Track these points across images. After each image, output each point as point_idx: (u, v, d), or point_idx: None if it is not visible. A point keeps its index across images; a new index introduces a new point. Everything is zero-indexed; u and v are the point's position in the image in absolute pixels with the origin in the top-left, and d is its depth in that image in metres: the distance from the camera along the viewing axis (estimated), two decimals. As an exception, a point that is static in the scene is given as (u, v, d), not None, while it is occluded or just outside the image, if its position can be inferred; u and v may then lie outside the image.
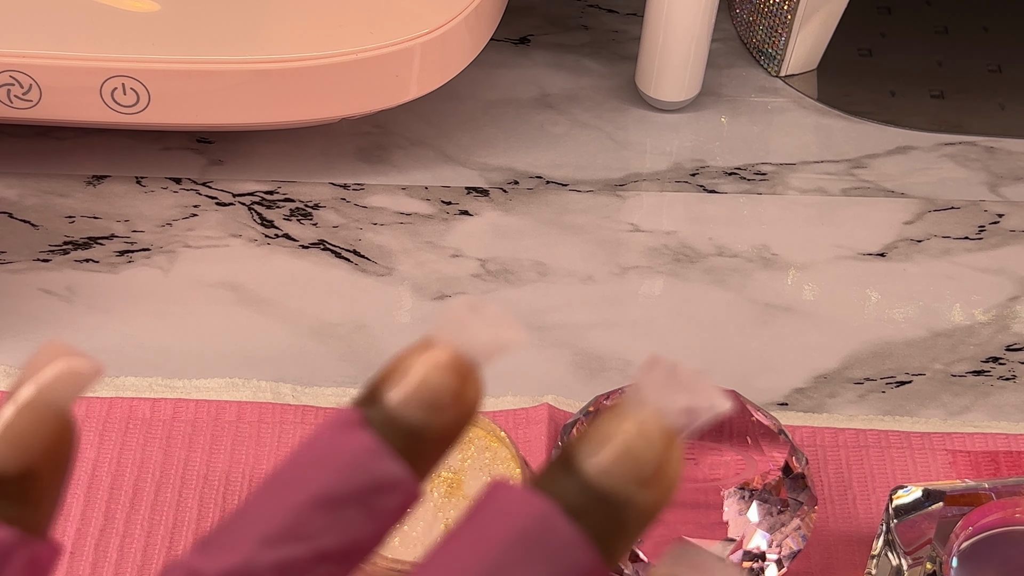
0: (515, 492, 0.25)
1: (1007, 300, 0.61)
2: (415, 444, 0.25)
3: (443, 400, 0.25)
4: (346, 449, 0.25)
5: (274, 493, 0.25)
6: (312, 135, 0.67)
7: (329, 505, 0.25)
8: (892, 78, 0.73)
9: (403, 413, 0.25)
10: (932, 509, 0.45)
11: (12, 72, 0.59)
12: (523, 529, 0.24)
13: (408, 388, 0.25)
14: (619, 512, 0.25)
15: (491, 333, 0.26)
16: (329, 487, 0.25)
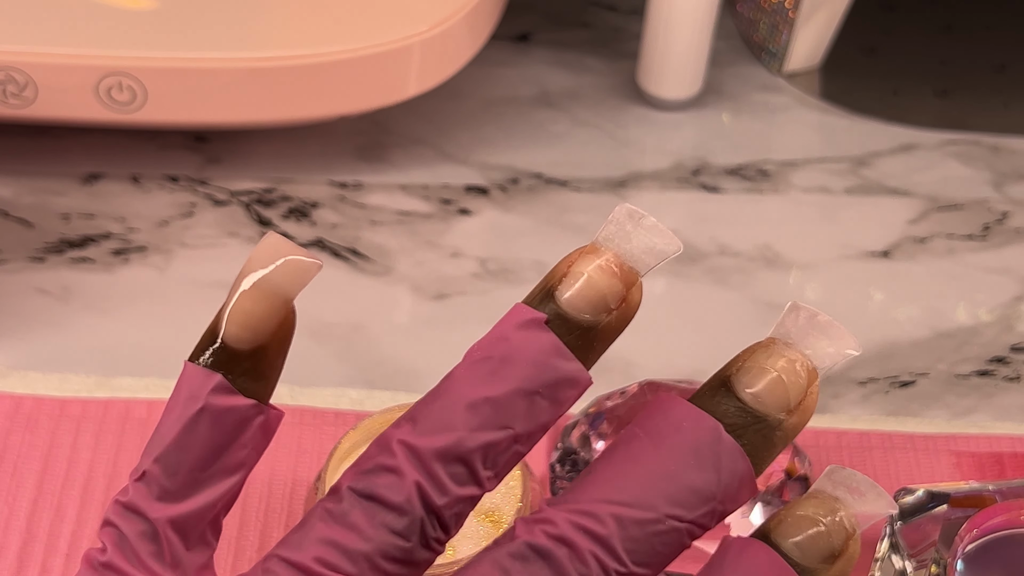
0: (688, 408, 0.30)
1: (1012, 300, 0.61)
2: (585, 340, 0.30)
3: (609, 302, 0.30)
4: (536, 349, 0.30)
5: (475, 382, 0.30)
6: (310, 133, 0.66)
7: (523, 397, 0.30)
8: (896, 76, 0.73)
9: (574, 313, 0.30)
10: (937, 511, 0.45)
11: (7, 70, 0.58)
12: (696, 440, 0.30)
13: (578, 290, 0.30)
14: (770, 432, 0.30)
15: (650, 242, 0.32)
16: (523, 383, 0.30)
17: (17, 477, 0.50)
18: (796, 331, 0.31)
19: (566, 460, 0.47)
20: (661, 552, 0.30)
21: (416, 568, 0.30)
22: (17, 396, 0.53)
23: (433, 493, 0.29)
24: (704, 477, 0.30)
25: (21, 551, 0.48)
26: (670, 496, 0.29)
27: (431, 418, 0.30)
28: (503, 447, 0.30)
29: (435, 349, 0.57)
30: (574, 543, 0.29)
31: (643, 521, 0.29)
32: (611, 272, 0.31)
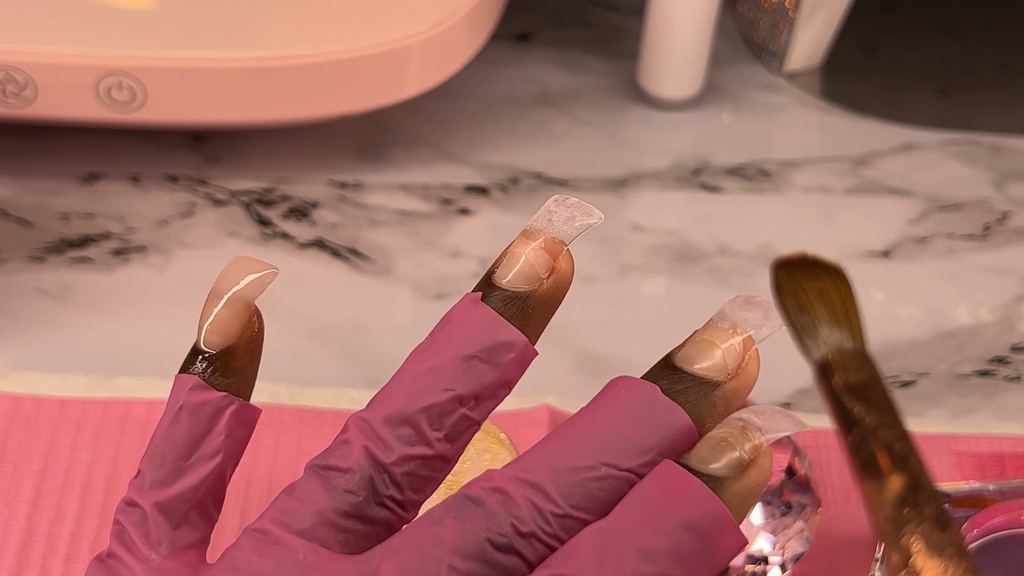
0: (627, 379, 0.33)
1: (1013, 299, 0.61)
2: (521, 309, 0.33)
3: (540, 272, 0.34)
4: (470, 320, 0.33)
5: (418, 358, 0.33)
6: (310, 132, 0.66)
7: (461, 362, 0.32)
8: (896, 75, 0.73)
9: (510, 287, 0.33)
10: (937, 512, 0.45)
11: (7, 70, 0.58)
12: (632, 400, 0.32)
13: (512, 268, 0.34)
14: (708, 392, 0.32)
15: (571, 214, 0.34)
16: (460, 349, 0.33)
17: (17, 477, 0.50)
18: (730, 309, 0.34)
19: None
20: (600, 498, 0.31)
21: (374, 525, 0.32)
22: (17, 396, 0.53)
23: (379, 452, 0.32)
24: (639, 430, 0.32)
25: (21, 551, 0.48)
26: (604, 446, 0.31)
27: (381, 395, 0.33)
28: (447, 408, 0.32)
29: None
30: (507, 490, 0.31)
31: (577, 468, 0.31)
32: (537, 247, 0.34)
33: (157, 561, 0.33)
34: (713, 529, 0.31)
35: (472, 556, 0.30)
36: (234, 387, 0.35)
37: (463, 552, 0.31)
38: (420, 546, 0.31)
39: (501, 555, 0.31)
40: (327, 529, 0.32)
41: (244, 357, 0.35)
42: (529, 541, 0.31)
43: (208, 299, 0.35)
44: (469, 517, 0.31)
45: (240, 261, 0.36)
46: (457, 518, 0.31)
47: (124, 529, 0.33)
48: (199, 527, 0.34)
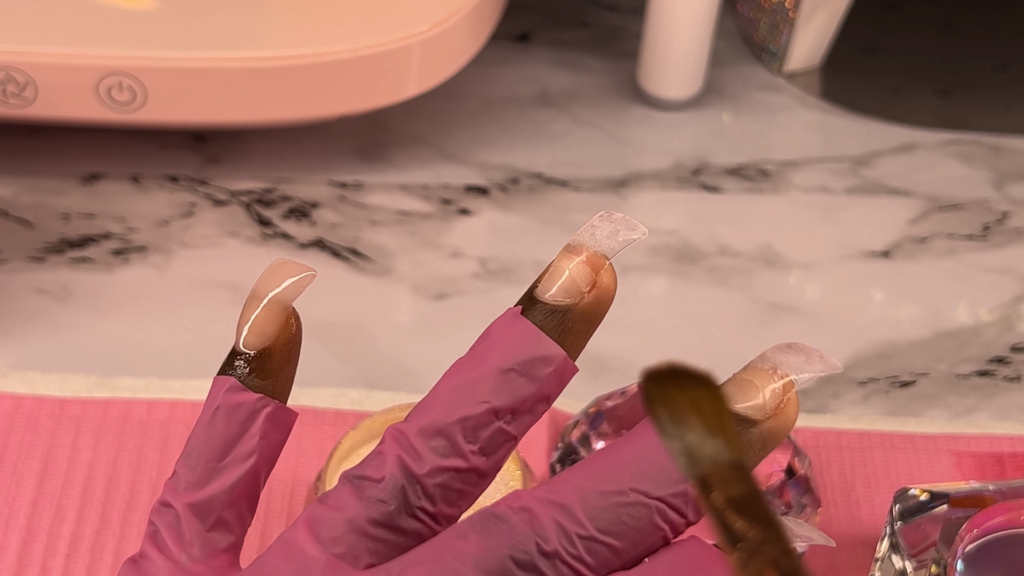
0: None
1: (1013, 300, 0.61)
2: (562, 323, 0.33)
3: (581, 287, 0.34)
4: (510, 334, 0.33)
5: (456, 372, 0.33)
6: (310, 133, 0.66)
7: (498, 375, 0.32)
8: (896, 75, 0.73)
9: (551, 301, 0.34)
10: (937, 511, 0.45)
11: (7, 70, 0.58)
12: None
13: (555, 282, 0.34)
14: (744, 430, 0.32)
15: (614, 228, 0.34)
16: (498, 363, 0.33)
17: (17, 477, 0.50)
18: (772, 353, 0.34)
19: (566, 460, 0.47)
20: (628, 524, 0.31)
21: (404, 536, 0.32)
22: (17, 396, 0.53)
23: (412, 463, 0.32)
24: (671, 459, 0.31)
25: (21, 551, 0.48)
26: (636, 473, 0.31)
27: (419, 407, 0.33)
28: (483, 421, 0.32)
29: (435, 349, 0.57)
30: (533, 510, 0.31)
31: (606, 492, 0.31)
32: (580, 261, 0.34)
33: (187, 563, 0.33)
34: None
35: (493, 572, 0.30)
36: (270, 389, 0.35)
37: (484, 567, 0.30)
38: (442, 558, 0.31)
39: (522, 573, 0.30)
40: (357, 537, 0.32)
41: (281, 359, 0.35)
42: (552, 561, 0.30)
43: (247, 302, 0.35)
44: (493, 533, 0.31)
45: (279, 264, 0.36)
46: (481, 534, 0.31)
47: (157, 530, 0.33)
48: (233, 530, 0.34)
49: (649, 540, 0.31)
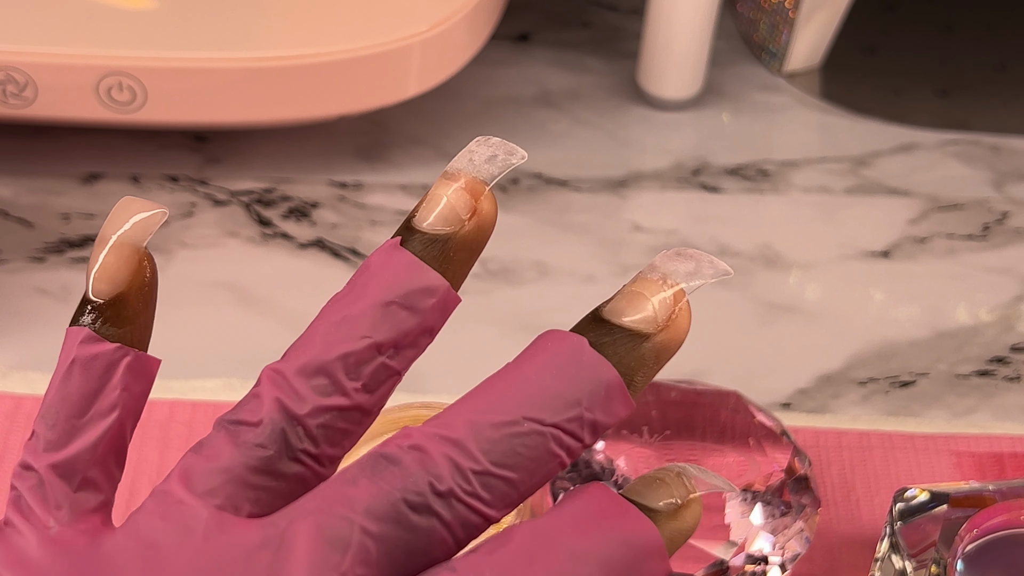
0: (554, 331, 0.31)
1: (1012, 300, 0.61)
2: (444, 253, 0.32)
3: (461, 214, 0.32)
4: (390, 266, 0.32)
5: (334, 307, 0.32)
6: (310, 133, 0.66)
7: (379, 308, 0.31)
8: (896, 76, 0.73)
9: (431, 230, 0.32)
10: (937, 511, 0.45)
11: (7, 70, 0.58)
12: (557, 353, 0.30)
13: (432, 210, 0.32)
14: (636, 345, 0.31)
15: (492, 152, 0.33)
16: (378, 296, 0.31)
17: (17, 477, 0.50)
18: (661, 261, 0.32)
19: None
20: (524, 455, 0.30)
21: (287, 481, 0.30)
22: (17, 396, 0.53)
23: (292, 403, 0.30)
24: (565, 383, 0.30)
25: (21, 551, 0.48)
26: (528, 400, 0.30)
27: (295, 345, 0.32)
28: (365, 357, 0.31)
29: (435, 349, 0.57)
30: (425, 448, 0.29)
31: (499, 423, 0.30)
32: (457, 187, 0.32)
33: (56, 528, 0.31)
34: (646, 551, 0.30)
35: (386, 517, 0.29)
36: (127, 337, 0.32)
37: (376, 513, 0.29)
38: (331, 507, 0.29)
39: (417, 516, 0.29)
40: (236, 487, 0.30)
41: (137, 304, 0.33)
42: (447, 500, 0.29)
43: (95, 245, 0.33)
44: (384, 476, 0.29)
45: (126, 202, 0.33)
46: (371, 477, 0.29)
47: (20, 495, 0.31)
48: (102, 488, 0.32)
49: (546, 468, 0.30)
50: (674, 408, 0.48)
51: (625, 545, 0.29)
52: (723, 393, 0.49)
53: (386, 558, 0.29)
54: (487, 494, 0.30)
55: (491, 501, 0.30)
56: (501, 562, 0.29)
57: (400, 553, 0.29)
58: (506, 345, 0.57)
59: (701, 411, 0.49)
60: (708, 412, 0.48)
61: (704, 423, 0.48)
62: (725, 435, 0.48)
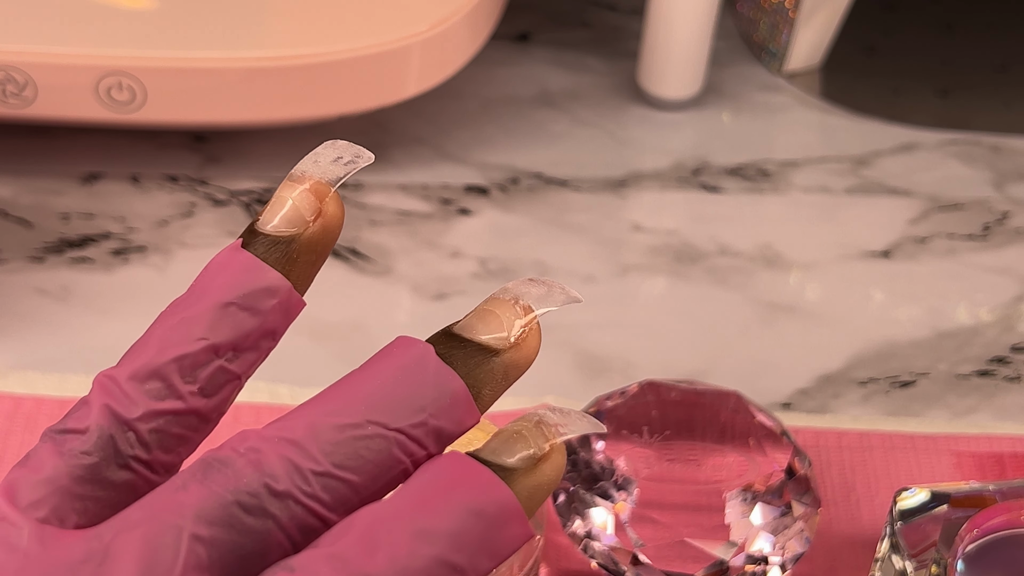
0: (402, 338, 0.32)
1: (1013, 300, 0.61)
2: (288, 255, 0.31)
3: (305, 216, 0.32)
4: (229, 267, 0.31)
5: (173, 310, 0.31)
6: (310, 133, 0.66)
7: (217, 310, 0.30)
8: (896, 76, 0.73)
9: (274, 232, 0.31)
10: (937, 511, 0.45)
11: (7, 70, 0.58)
12: (403, 359, 0.31)
13: (276, 212, 0.32)
14: (485, 359, 0.31)
15: (336, 154, 0.33)
16: (216, 297, 0.30)
17: (16, 477, 0.50)
18: (513, 285, 0.33)
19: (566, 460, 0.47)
20: (367, 458, 0.29)
21: (116, 490, 0.29)
22: (17, 396, 0.53)
23: (122, 408, 0.29)
24: (411, 389, 0.30)
25: (20, 551, 0.48)
26: (372, 403, 0.30)
27: (132, 350, 0.30)
28: (201, 359, 0.30)
29: (435, 349, 0.57)
30: (260, 449, 0.28)
31: (341, 425, 0.29)
32: (301, 189, 0.32)
33: None
34: (500, 517, 0.29)
35: (217, 521, 0.28)
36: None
37: (207, 517, 0.28)
38: (159, 516, 0.28)
39: (251, 518, 0.28)
40: (62, 498, 0.28)
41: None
42: (284, 502, 0.28)
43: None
44: (215, 479, 0.28)
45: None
46: (202, 481, 0.28)
47: None
48: None
49: (389, 474, 0.29)
50: (674, 408, 0.48)
51: (476, 515, 0.28)
52: (723, 393, 0.49)
53: (219, 563, 0.28)
54: (327, 496, 0.29)
55: (331, 504, 0.29)
56: (342, 554, 0.28)
57: (234, 557, 0.28)
58: (506, 345, 0.57)
59: (701, 411, 0.48)
60: (708, 412, 0.48)
61: (704, 423, 0.48)
62: (725, 435, 0.48)
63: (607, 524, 0.46)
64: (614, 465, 0.46)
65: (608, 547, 0.46)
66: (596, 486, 0.46)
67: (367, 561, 0.27)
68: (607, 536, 0.46)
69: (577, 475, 0.47)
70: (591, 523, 0.46)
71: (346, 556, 0.28)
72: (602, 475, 0.46)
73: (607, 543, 0.46)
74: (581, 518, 0.46)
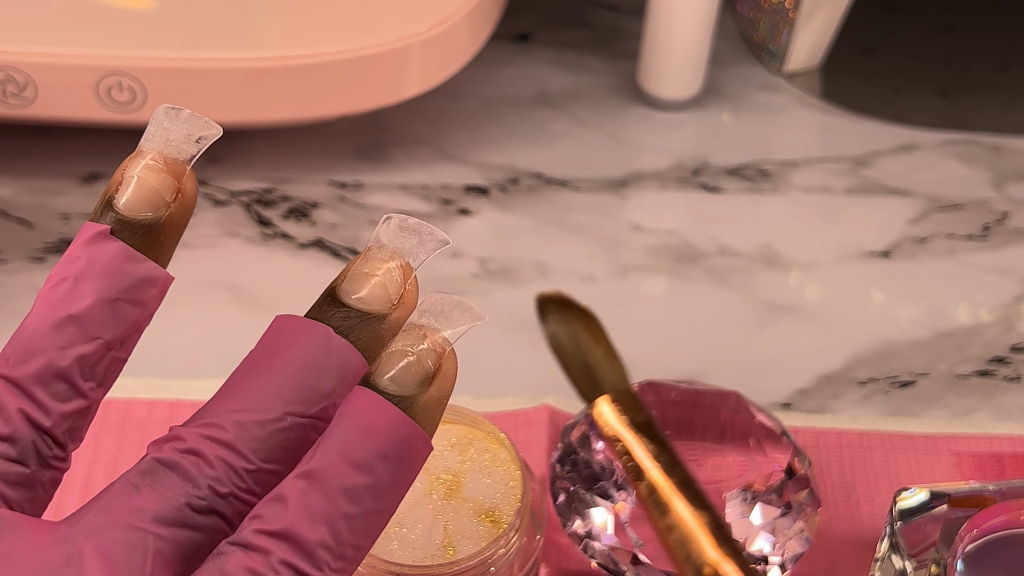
0: (299, 321, 0.32)
1: (1012, 300, 0.61)
2: (152, 238, 0.32)
3: (165, 197, 0.32)
4: (104, 259, 0.32)
5: (55, 304, 0.32)
6: (310, 133, 0.66)
7: (106, 306, 0.32)
8: (896, 76, 0.73)
9: (135, 215, 0.32)
10: (937, 511, 0.45)
11: (7, 70, 0.58)
12: (308, 346, 0.32)
13: (133, 192, 0.32)
14: (376, 327, 0.32)
15: (189, 130, 0.33)
16: (101, 294, 0.32)
17: (17, 477, 0.50)
18: (387, 236, 0.34)
19: (566, 460, 0.47)
20: (288, 448, 0.31)
21: (42, 488, 0.32)
22: (17, 396, 0.53)
23: (39, 416, 0.31)
24: (317, 377, 0.32)
25: (21, 551, 0.48)
26: (287, 396, 0.31)
27: (22, 347, 0.32)
28: (98, 357, 0.32)
29: (435, 349, 0.57)
30: (201, 451, 0.31)
31: (264, 421, 0.31)
32: (158, 169, 0.32)
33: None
34: (409, 452, 0.31)
35: (174, 522, 0.30)
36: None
37: (165, 519, 0.30)
38: (122, 520, 0.30)
39: (202, 517, 0.31)
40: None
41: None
42: (228, 500, 0.31)
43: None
44: (166, 483, 0.31)
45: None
46: (153, 485, 0.31)
47: None
48: None
49: (305, 451, 0.32)
50: (674, 408, 0.48)
51: (390, 460, 0.31)
52: (723, 393, 0.49)
53: (180, 557, 0.30)
54: (260, 488, 0.31)
55: (263, 493, 0.31)
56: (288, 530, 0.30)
57: (192, 550, 0.31)
58: (506, 345, 0.57)
59: (701, 411, 0.49)
60: (708, 412, 0.48)
61: (704, 423, 0.48)
62: (725, 435, 0.48)
63: (607, 524, 0.46)
64: (614, 465, 0.46)
65: (608, 547, 0.46)
66: (596, 486, 0.46)
67: (310, 532, 0.30)
68: (607, 536, 0.46)
69: (577, 475, 0.47)
70: (591, 523, 0.46)
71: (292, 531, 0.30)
72: (602, 475, 0.46)
73: (607, 543, 0.46)
74: (581, 518, 0.46)
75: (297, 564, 0.30)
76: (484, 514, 0.44)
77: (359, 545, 0.31)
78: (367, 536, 0.31)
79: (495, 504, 0.44)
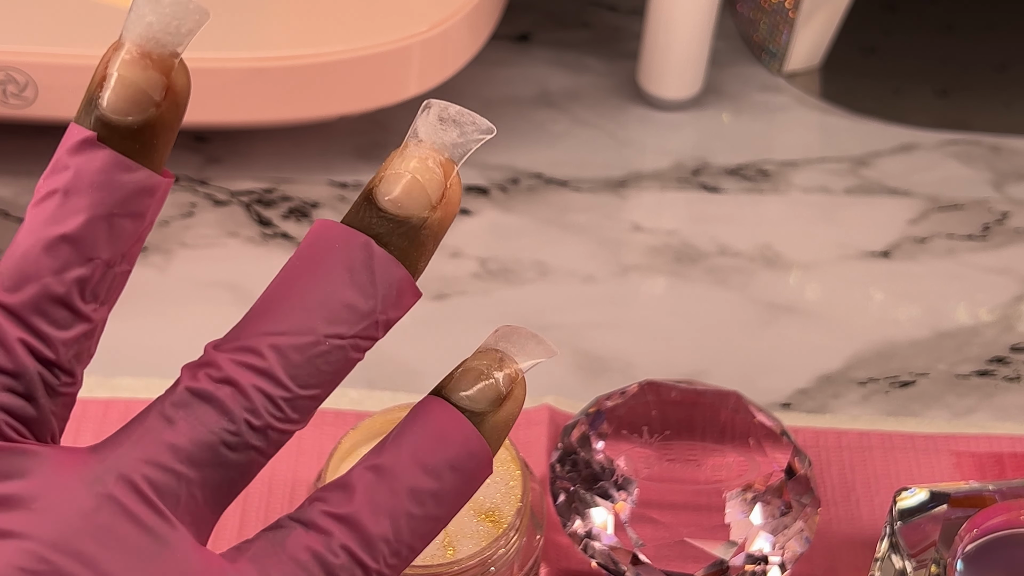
0: (338, 228, 0.31)
1: (1012, 300, 0.61)
2: (149, 142, 0.30)
3: (152, 95, 0.29)
4: (93, 169, 0.29)
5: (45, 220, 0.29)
6: (310, 133, 0.66)
7: (101, 224, 0.29)
8: (896, 76, 0.73)
9: (120, 117, 0.29)
10: (936, 511, 0.45)
11: (7, 70, 0.58)
12: (349, 258, 0.30)
13: (115, 91, 0.29)
14: (415, 233, 0.31)
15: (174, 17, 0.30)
16: (95, 210, 0.29)
17: (17, 477, 0.50)
18: (426, 129, 0.31)
19: (566, 460, 0.47)
20: (326, 371, 0.31)
21: (55, 415, 0.31)
22: (17, 396, 0.53)
23: (42, 348, 0.29)
24: (360, 294, 0.31)
25: (21, 551, 0.48)
26: (327, 317, 0.30)
27: (15, 270, 0.30)
28: (97, 277, 0.30)
29: (435, 349, 0.57)
30: (236, 381, 0.30)
31: (302, 346, 0.30)
32: (143, 64, 0.29)
33: None
34: (475, 469, 0.31)
35: (207, 463, 0.30)
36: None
37: (198, 460, 0.30)
38: (154, 457, 0.30)
39: (235, 455, 0.30)
40: None
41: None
42: (264, 433, 0.30)
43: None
44: (200, 417, 0.30)
45: None
46: (187, 419, 0.30)
47: None
48: None
49: (346, 372, 0.31)
50: (674, 408, 0.48)
51: (457, 471, 0.31)
52: (723, 393, 0.49)
53: (212, 498, 0.30)
54: (296, 415, 0.31)
55: (300, 420, 0.31)
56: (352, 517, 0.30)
57: (224, 489, 0.30)
58: (506, 345, 0.57)
59: (701, 411, 0.49)
60: (708, 412, 0.48)
61: (704, 423, 0.48)
62: (725, 435, 0.48)
63: (607, 524, 0.46)
64: (614, 465, 0.46)
65: (608, 547, 0.46)
66: (596, 486, 0.46)
67: (373, 524, 0.30)
68: (607, 536, 0.46)
69: (577, 475, 0.47)
70: (591, 523, 0.46)
71: (355, 520, 0.30)
72: (602, 475, 0.46)
73: (607, 543, 0.46)
74: (581, 518, 0.46)
75: (356, 551, 0.30)
76: (484, 514, 0.44)
77: (414, 547, 0.31)
78: (423, 539, 0.31)
79: (495, 504, 0.44)
